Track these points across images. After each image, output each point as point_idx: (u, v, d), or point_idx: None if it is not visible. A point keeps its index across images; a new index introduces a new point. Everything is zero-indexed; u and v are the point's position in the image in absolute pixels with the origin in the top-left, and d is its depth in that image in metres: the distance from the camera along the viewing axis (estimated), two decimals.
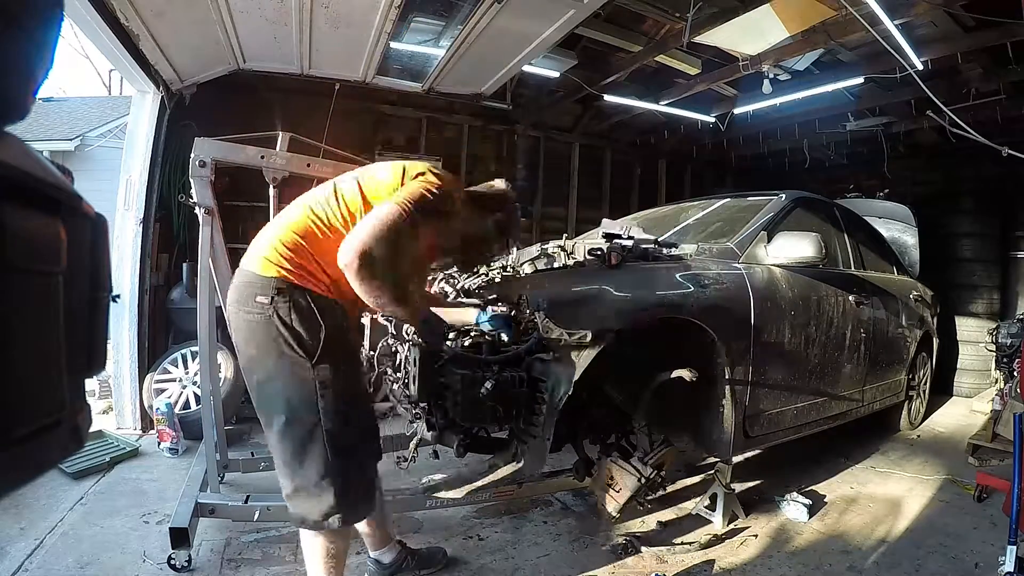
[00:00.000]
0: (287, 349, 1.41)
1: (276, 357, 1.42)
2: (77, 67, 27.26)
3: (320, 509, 1.46)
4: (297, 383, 1.42)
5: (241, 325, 1.46)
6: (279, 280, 1.42)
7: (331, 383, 1.44)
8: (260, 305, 1.41)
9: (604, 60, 4.58)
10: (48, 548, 2.10)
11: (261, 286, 1.42)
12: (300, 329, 1.41)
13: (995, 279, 5.40)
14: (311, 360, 1.42)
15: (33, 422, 0.40)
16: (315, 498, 1.46)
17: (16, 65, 0.39)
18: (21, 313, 0.38)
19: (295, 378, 1.42)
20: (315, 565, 1.54)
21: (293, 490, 1.49)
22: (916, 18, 3.35)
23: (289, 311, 1.40)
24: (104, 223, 0.51)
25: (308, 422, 1.43)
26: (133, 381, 3.54)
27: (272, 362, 1.43)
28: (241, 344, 1.49)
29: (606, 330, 1.81)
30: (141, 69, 3.31)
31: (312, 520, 1.47)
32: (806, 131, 6.06)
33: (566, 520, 2.53)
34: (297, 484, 1.47)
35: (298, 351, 1.41)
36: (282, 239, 1.47)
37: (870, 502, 2.80)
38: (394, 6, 3.04)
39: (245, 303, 1.44)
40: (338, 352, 1.47)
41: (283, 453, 1.47)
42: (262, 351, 1.44)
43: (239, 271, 1.52)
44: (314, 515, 1.47)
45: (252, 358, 1.47)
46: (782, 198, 2.98)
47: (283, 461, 1.48)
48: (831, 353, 2.82)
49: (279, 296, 1.40)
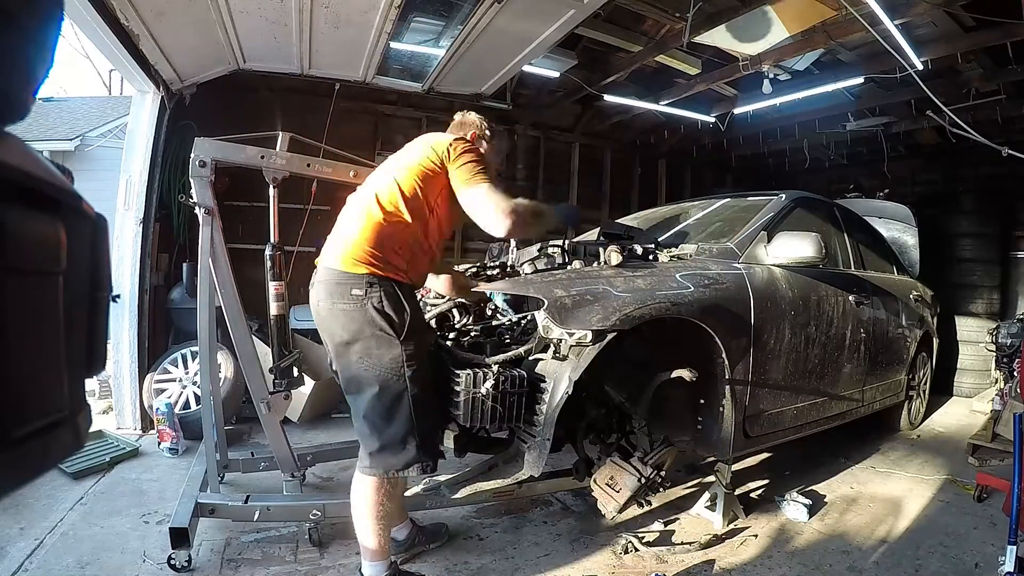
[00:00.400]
0: (379, 331, 1.66)
1: (370, 338, 1.67)
2: (77, 67, 27.21)
3: (404, 459, 1.71)
4: (388, 358, 1.68)
5: (337, 315, 1.70)
6: (369, 275, 1.68)
7: (414, 355, 1.70)
8: (356, 297, 1.67)
9: (604, 60, 4.58)
10: (48, 548, 2.10)
11: (355, 282, 1.67)
12: (391, 313, 1.67)
13: (995, 279, 5.40)
14: (399, 338, 1.67)
15: (33, 422, 0.40)
16: (400, 452, 1.71)
17: (16, 65, 0.39)
18: (21, 313, 0.38)
19: (387, 354, 1.67)
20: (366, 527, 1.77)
21: (379, 447, 1.72)
22: (916, 18, 3.35)
23: (381, 300, 1.67)
24: (104, 223, 0.51)
25: (397, 389, 1.68)
26: (133, 381, 3.54)
27: (368, 343, 1.68)
28: (336, 332, 1.72)
29: (606, 330, 1.81)
30: (141, 69, 3.31)
31: (395, 468, 1.72)
32: (806, 131, 6.06)
33: (566, 520, 2.53)
34: (384, 441, 1.71)
35: (389, 331, 1.67)
36: (364, 240, 1.71)
37: (870, 502, 2.80)
38: (394, 6, 3.04)
39: (340, 297, 1.68)
40: (417, 329, 1.74)
41: (373, 417, 1.71)
42: (358, 335, 1.68)
43: (324, 270, 1.76)
44: (398, 465, 1.72)
45: (348, 342, 1.70)
46: (782, 198, 2.98)
47: (371, 425, 1.72)
48: (831, 353, 2.82)
49: (371, 288, 1.67)
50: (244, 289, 2.45)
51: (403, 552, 2.16)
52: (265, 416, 2.35)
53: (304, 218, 3.37)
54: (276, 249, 2.42)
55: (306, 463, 2.68)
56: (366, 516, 1.77)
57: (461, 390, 1.74)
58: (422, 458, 1.73)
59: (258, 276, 2.55)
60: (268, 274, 2.41)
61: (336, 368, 1.81)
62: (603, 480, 2.05)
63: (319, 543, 2.20)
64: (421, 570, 2.01)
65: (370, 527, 1.77)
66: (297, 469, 2.46)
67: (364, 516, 1.77)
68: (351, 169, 2.51)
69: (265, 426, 2.38)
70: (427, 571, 2.03)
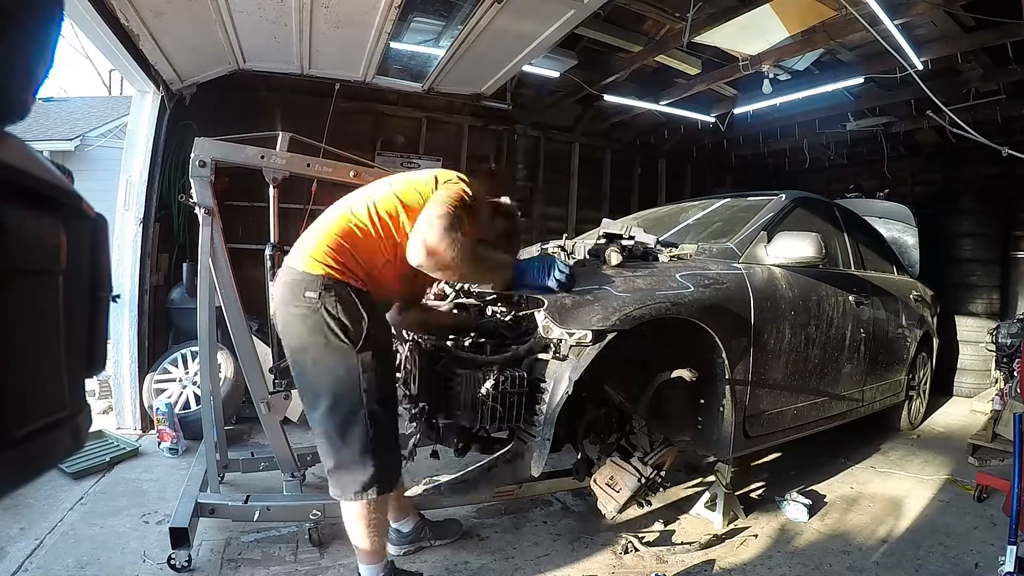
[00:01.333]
0: (333, 338, 1.56)
1: (324, 346, 1.57)
2: (77, 67, 27.24)
3: (360, 481, 1.61)
4: (343, 369, 1.58)
5: (290, 319, 1.60)
6: (325, 277, 1.56)
7: (371, 368, 1.59)
8: (309, 300, 1.55)
9: (604, 60, 4.58)
10: (48, 548, 2.10)
11: (309, 283, 1.56)
12: (345, 320, 1.56)
13: (995, 279, 5.40)
14: (355, 347, 1.57)
15: (33, 422, 0.40)
16: (356, 472, 1.61)
17: (16, 65, 0.39)
18: (21, 313, 0.38)
19: (341, 364, 1.57)
20: (358, 533, 1.69)
21: (335, 466, 1.63)
22: (916, 18, 3.35)
23: (335, 304, 1.55)
24: (104, 223, 0.51)
25: (351, 403, 1.58)
26: (133, 381, 3.54)
27: (320, 350, 1.58)
28: (290, 336, 1.63)
29: (606, 330, 1.81)
30: (141, 69, 3.31)
31: (352, 492, 1.62)
32: (806, 131, 6.06)
33: (566, 520, 2.53)
34: (338, 460, 1.62)
35: (343, 339, 1.56)
36: (326, 241, 1.62)
37: (870, 502, 2.80)
38: (394, 6, 3.04)
39: (295, 299, 1.58)
40: (376, 340, 1.62)
41: (327, 432, 1.62)
42: (311, 341, 1.58)
43: (286, 270, 1.66)
44: (354, 487, 1.62)
45: (301, 348, 1.61)
46: (782, 198, 2.98)
47: (327, 440, 1.63)
48: (831, 353, 2.82)
49: (326, 291, 1.55)
50: (244, 289, 2.45)
51: (407, 544, 2.16)
52: (265, 416, 2.35)
53: (304, 218, 3.34)
54: (276, 249, 2.42)
55: (306, 463, 2.68)
56: (354, 525, 1.71)
57: (461, 390, 1.74)
58: (379, 480, 1.63)
59: (258, 276, 2.55)
60: (268, 274, 2.41)
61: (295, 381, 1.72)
62: (603, 480, 2.05)
63: (319, 543, 2.20)
64: (422, 570, 2.01)
65: (360, 533, 1.71)
66: (297, 469, 2.46)
67: (352, 525, 1.72)
68: (351, 169, 2.51)
69: (265, 426, 2.38)
70: (427, 571, 2.03)
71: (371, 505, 1.66)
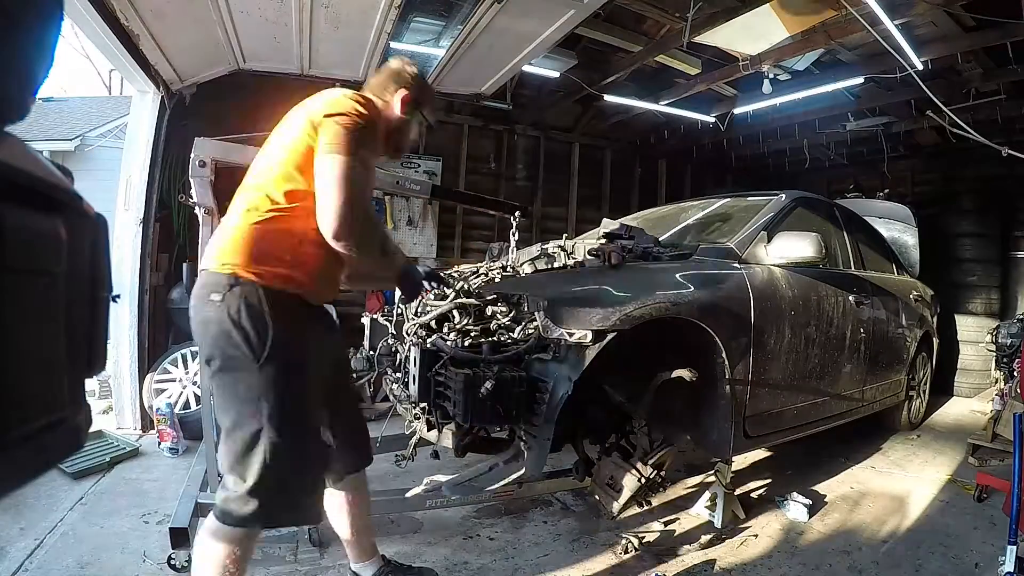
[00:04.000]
0: (234, 349, 1.33)
1: (225, 356, 1.35)
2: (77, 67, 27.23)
3: (241, 515, 1.35)
4: (242, 385, 1.35)
5: (197, 327, 1.40)
6: (230, 277, 1.34)
7: (274, 387, 1.35)
8: (213, 304, 1.34)
9: (604, 60, 4.58)
10: (48, 548, 2.10)
11: (214, 284, 1.36)
12: (247, 326, 1.32)
13: (995, 279, 5.40)
14: (257, 361, 1.33)
15: (33, 422, 0.40)
16: (243, 503, 1.35)
17: (16, 65, 0.39)
18: (21, 313, 0.38)
19: (241, 380, 1.36)
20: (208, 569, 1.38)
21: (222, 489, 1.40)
22: (916, 18, 3.36)
23: (239, 308, 1.32)
24: (104, 223, 0.51)
25: (250, 428, 1.34)
26: (133, 381, 3.54)
27: (222, 362, 1.36)
28: (200, 346, 1.43)
29: (606, 330, 1.81)
30: (141, 69, 3.31)
31: (231, 519, 1.36)
32: (806, 131, 6.06)
33: (566, 520, 2.53)
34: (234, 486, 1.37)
35: (244, 350, 1.33)
36: (235, 232, 1.39)
37: (870, 502, 2.80)
38: (394, 6, 3.04)
39: (202, 304, 1.37)
40: (286, 353, 1.37)
41: (226, 455, 1.39)
42: (215, 351, 1.36)
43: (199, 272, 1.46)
44: (232, 521, 1.36)
45: (208, 358, 1.39)
46: (782, 198, 2.98)
47: (227, 463, 1.39)
48: (831, 353, 2.82)
49: (230, 292, 1.33)
50: None
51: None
52: None
53: None
54: None
55: None
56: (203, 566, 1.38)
57: (461, 390, 1.74)
58: (264, 520, 1.39)
59: None
60: None
61: None
62: (603, 480, 2.05)
63: (319, 543, 2.20)
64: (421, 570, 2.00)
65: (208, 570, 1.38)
66: None
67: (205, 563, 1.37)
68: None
69: None
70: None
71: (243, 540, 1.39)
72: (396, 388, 2.17)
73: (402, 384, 2.02)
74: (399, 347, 2.22)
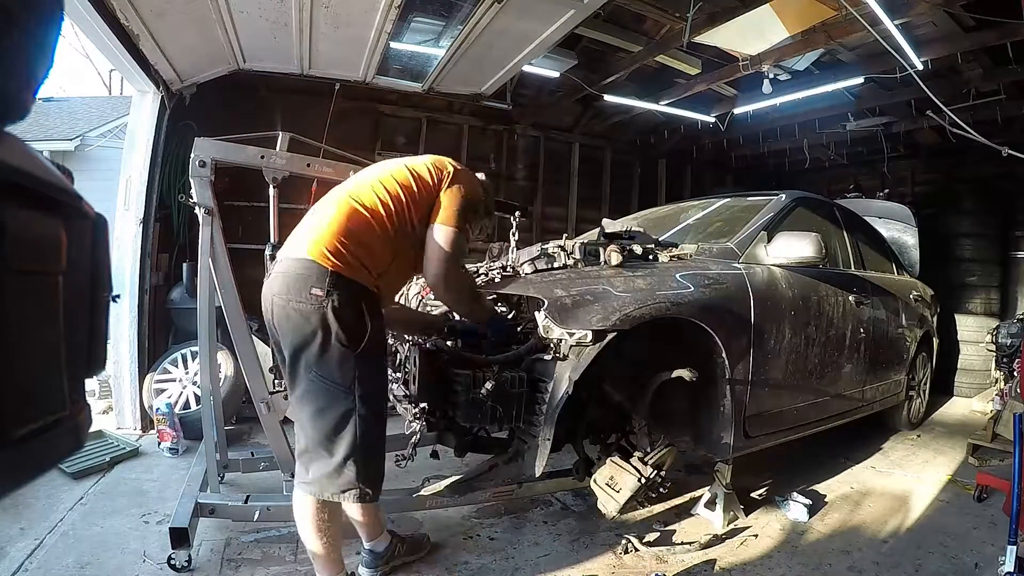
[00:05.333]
0: (334, 340, 1.51)
1: (322, 346, 1.51)
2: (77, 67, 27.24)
3: (341, 485, 1.58)
4: (339, 372, 1.53)
5: (291, 314, 1.54)
6: (335, 275, 1.51)
7: (369, 375, 1.57)
8: (315, 297, 1.49)
9: (604, 60, 4.58)
10: (48, 548, 2.10)
11: (317, 278, 1.50)
12: (351, 321, 1.52)
13: (995, 279, 5.40)
14: (354, 351, 1.53)
15: (33, 422, 0.40)
16: (338, 476, 1.57)
17: (16, 65, 0.39)
18: (21, 313, 0.38)
19: (339, 368, 1.53)
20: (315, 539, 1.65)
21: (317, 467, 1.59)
22: (916, 18, 3.35)
23: (342, 304, 1.50)
24: (104, 223, 0.51)
25: (344, 407, 1.54)
26: (133, 381, 3.54)
27: (319, 351, 1.52)
28: (289, 331, 1.56)
29: (606, 330, 1.81)
30: (141, 69, 3.31)
31: (330, 492, 1.59)
32: (806, 131, 6.06)
33: (566, 520, 2.53)
34: (322, 462, 1.58)
35: (344, 342, 1.51)
36: (338, 232, 1.56)
37: (870, 502, 2.80)
38: (394, 6, 3.04)
39: (298, 294, 1.51)
40: (376, 345, 1.60)
41: (315, 433, 1.57)
42: (311, 340, 1.52)
43: (287, 260, 1.59)
44: (334, 490, 1.58)
45: (300, 345, 1.54)
46: (782, 198, 2.98)
47: (313, 440, 1.58)
48: (831, 353, 2.82)
49: (334, 289, 1.50)
50: (244, 289, 2.45)
51: (383, 564, 2.02)
52: (265, 416, 2.35)
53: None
54: (276, 249, 2.42)
55: None
56: (310, 532, 1.67)
57: (461, 390, 1.74)
58: (360, 486, 1.60)
59: (258, 276, 2.53)
60: (268, 274, 2.41)
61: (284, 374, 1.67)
62: (603, 480, 2.05)
63: None
64: (421, 570, 2.01)
65: (316, 543, 1.67)
66: None
67: (308, 532, 1.67)
68: (351, 169, 2.51)
69: (265, 426, 2.37)
70: (427, 571, 2.03)
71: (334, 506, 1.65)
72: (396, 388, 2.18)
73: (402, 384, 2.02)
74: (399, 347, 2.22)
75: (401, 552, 2.06)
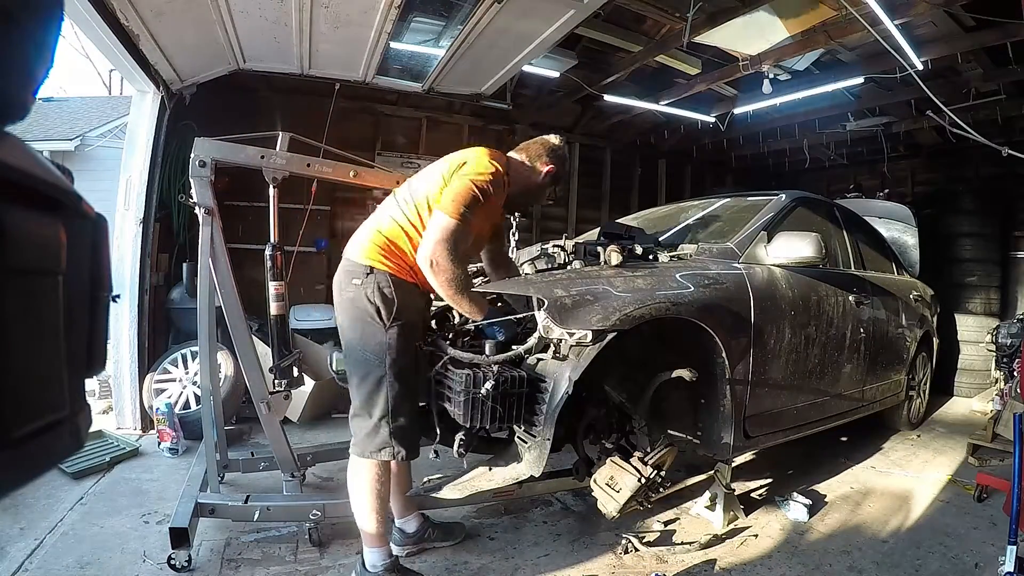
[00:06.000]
0: (368, 318, 1.79)
1: (362, 325, 1.81)
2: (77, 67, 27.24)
3: (377, 443, 1.81)
4: (374, 344, 1.80)
5: (343, 302, 1.85)
6: (368, 266, 1.81)
7: (397, 346, 1.79)
8: (356, 286, 1.81)
9: (604, 60, 4.58)
10: (48, 548, 2.10)
11: (356, 271, 1.82)
12: (379, 302, 1.78)
13: (995, 279, 5.40)
14: (385, 326, 1.79)
15: (33, 422, 0.40)
16: (374, 436, 1.81)
17: (16, 65, 0.39)
18: (21, 313, 0.38)
19: (373, 340, 1.80)
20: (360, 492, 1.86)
21: (359, 429, 1.84)
22: (916, 18, 3.35)
23: (375, 289, 1.79)
24: (104, 223, 0.51)
25: (378, 374, 1.79)
26: (133, 381, 3.54)
27: (360, 328, 1.82)
28: (342, 317, 1.87)
29: (606, 330, 1.81)
30: (141, 69, 3.31)
31: (368, 450, 1.82)
32: (806, 131, 6.07)
33: (566, 520, 2.53)
34: (363, 424, 1.83)
35: (376, 319, 1.79)
36: (375, 237, 1.86)
37: (870, 502, 2.80)
38: (394, 6, 3.04)
39: (346, 285, 1.84)
40: (405, 321, 1.82)
41: (358, 398, 1.85)
42: (354, 320, 1.83)
43: (343, 260, 1.90)
44: (372, 448, 1.81)
45: (349, 327, 1.85)
46: (782, 198, 2.98)
47: (358, 404, 1.85)
48: (831, 353, 2.82)
49: (367, 278, 1.80)
50: (244, 289, 2.45)
51: (411, 544, 2.20)
52: (265, 416, 2.35)
53: (304, 218, 3.37)
54: (276, 249, 2.42)
55: (306, 463, 2.68)
56: (358, 493, 1.86)
57: (461, 390, 1.73)
58: (393, 444, 1.80)
59: (258, 276, 2.55)
60: (268, 274, 2.41)
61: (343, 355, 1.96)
62: (603, 480, 2.04)
63: (319, 543, 2.20)
64: (421, 570, 2.01)
65: (364, 507, 1.85)
66: (297, 469, 2.46)
67: (357, 493, 1.86)
68: (351, 169, 2.51)
69: (265, 426, 2.38)
70: (427, 571, 2.03)
71: (379, 468, 1.84)
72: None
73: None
74: None
75: (432, 536, 2.23)
